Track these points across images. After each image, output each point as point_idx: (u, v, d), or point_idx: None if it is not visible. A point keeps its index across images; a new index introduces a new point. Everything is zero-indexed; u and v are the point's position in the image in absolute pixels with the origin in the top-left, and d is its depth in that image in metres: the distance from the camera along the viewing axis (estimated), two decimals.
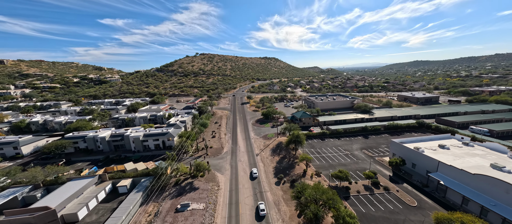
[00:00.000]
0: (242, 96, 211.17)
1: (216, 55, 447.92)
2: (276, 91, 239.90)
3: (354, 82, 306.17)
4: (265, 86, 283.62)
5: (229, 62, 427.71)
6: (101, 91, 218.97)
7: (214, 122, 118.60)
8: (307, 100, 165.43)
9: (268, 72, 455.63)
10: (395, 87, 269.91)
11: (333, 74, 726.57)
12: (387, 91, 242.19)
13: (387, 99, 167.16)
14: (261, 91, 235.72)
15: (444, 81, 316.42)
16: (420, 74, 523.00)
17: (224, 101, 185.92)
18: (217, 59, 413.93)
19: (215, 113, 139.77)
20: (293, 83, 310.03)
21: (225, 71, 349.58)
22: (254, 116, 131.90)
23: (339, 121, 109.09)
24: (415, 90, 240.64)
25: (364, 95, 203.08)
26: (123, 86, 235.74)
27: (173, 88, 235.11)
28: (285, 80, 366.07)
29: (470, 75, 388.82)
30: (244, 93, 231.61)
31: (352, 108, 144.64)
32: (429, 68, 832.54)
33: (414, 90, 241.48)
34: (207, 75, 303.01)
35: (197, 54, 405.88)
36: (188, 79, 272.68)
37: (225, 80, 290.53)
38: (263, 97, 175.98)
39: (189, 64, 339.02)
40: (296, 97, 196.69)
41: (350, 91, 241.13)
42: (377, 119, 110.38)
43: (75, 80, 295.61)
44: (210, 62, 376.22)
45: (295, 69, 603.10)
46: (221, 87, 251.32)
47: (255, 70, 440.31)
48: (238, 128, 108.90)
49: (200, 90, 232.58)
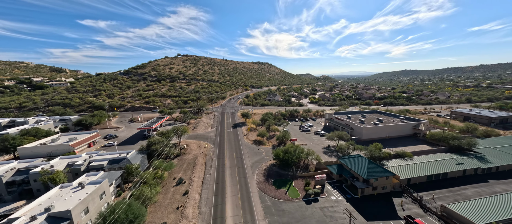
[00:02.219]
0: (233, 111, 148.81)
1: (202, 57, 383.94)
2: (278, 103, 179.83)
3: (372, 92, 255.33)
4: (263, 95, 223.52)
5: (218, 66, 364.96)
6: (23, 101, 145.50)
7: (175, 180, 55.49)
8: (334, 121, 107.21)
9: (262, 78, 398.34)
10: (419, 98, 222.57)
11: (329, 81, 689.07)
12: (415, 104, 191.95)
13: (444, 120, 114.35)
14: (258, 103, 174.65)
15: (462, 92, 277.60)
16: (418, 84, 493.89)
17: (207, 120, 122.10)
18: (203, 62, 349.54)
19: (185, 149, 76.12)
20: (296, 92, 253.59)
21: (212, 76, 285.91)
22: (258, 158, 71.19)
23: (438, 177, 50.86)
24: (441, 101, 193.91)
25: (394, 110, 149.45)
26: (61, 94, 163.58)
27: (136, 98, 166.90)
28: (284, 88, 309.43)
29: (479, 86, 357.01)
30: (236, 106, 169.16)
31: (415, 138, 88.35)
32: (420, 77, 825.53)
33: (447, 102, 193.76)
34: (189, 81, 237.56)
35: (179, 55, 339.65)
36: (162, 86, 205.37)
37: (211, 88, 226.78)
38: (266, 114, 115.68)
39: (167, 67, 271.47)
40: (312, 114, 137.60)
41: (371, 103, 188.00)
42: None
43: (6, 83, 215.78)
44: (193, 65, 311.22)
45: (290, 76, 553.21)
46: (205, 97, 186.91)
47: (247, 75, 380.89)
48: (228, 203, 46.82)
49: (175, 101, 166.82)
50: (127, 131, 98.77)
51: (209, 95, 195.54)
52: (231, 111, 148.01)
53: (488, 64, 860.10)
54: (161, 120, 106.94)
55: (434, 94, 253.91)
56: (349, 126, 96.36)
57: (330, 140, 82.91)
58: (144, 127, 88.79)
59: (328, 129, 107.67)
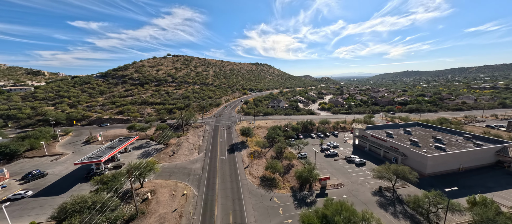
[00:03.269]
0: (230, 123, 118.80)
1: (195, 58, 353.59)
2: (284, 111, 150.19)
3: (385, 95, 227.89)
4: (264, 101, 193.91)
5: (212, 67, 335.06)
6: None
7: None
8: (369, 140, 78.28)
9: (262, 80, 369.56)
10: (443, 102, 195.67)
11: (331, 83, 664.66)
12: (444, 110, 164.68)
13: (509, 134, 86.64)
14: (260, 111, 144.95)
15: (488, 95, 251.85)
16: (426, 85, 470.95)
17: (194, 138, 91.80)
18: (196, 63, 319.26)
19: (148, 201, 45.72)
20: (301, 96, 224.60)
21: (205, 78, 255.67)
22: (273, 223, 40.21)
23: None
24: (472, 106, 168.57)
25: (431, 119, 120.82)
26: (11, 102, 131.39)
27: (109, 106, 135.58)
28: (287, 92, 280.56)
29: (497, 87, 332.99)
30: (234, 116, 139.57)
31: (500, 169, 59.73)
32: (424, 78, 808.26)
33: (479, 107, 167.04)
34: (178, 84, 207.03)
35: (169, 55, 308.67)
36: (144, 91, 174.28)
37: (204, 92, 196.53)
38: (273, 129, 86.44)
39: (153, 68, 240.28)
40: (331, 126, 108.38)
41: (394, 110, 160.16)
42: None
43: None
44: (185, 67, 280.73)
45: (291, 78, 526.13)
46: (196, 104, 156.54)
47: (245, 78, 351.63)
48: None
49: (158, 111, 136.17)
50: (72, 160, 67.52)
51: (201, 102, 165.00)
52: (226, 123, 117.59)
53: (492, 65, 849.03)
54: (127, 141, 76.04)
55: (457, 97, 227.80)
56: (398, 150, 67.04)
57: (380, 176, 53.15)
58: (88, 161, 57.52)
59: (361, 152, 78.34)
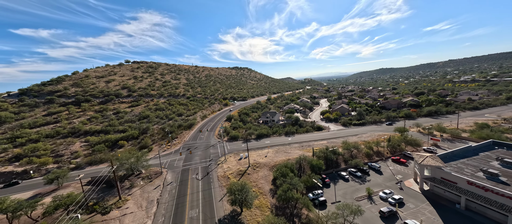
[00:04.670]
0: (209, 161, 77.64)
1: (163, 64, 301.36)
2: (284, 129, 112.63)
3: (377, 95, 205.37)
4: (252, 113, 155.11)
5: (185, 74, 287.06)
6: None
7: None
8: (465, 191, 42.44)
9: (244, 86, 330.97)
10: (446, 99, 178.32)
11: (314, 84, 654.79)
12: (462, 110, 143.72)
13: None
14: (252, 133, 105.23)
15: (467, 88, 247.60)
16: (408, 82, 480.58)
17: (139, 208, 48.60)
18: (163, 70, 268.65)
19: None
20: (296, 103, 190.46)
21: (175, 88, 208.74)
22: None
23: None
24: (482, 104, 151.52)
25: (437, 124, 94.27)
26: None
27: (4, 143, 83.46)
28: (275, 98, 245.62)
29: (475, 79, 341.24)
30: (213, 144, 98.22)
31: None
32: (400, 75, 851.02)
33: (488, 104, 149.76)
34: (136, 99, 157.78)
35: (128, 62, 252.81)
36: (81, 112, 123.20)
37: (172, 108, 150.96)
38: (282, 174, 48.69)
39: (102, 79, 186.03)
40: (363, 154, 73.61)
41: (412, 114, 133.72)
42: None
43: None
44: (148, 75, 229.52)
45: (275, 81, 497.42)
46: (158, 128, 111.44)
47: (225, 84, 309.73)
48: None
49: (92, 145, 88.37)
50: None
51: (166, 124, 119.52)
52: (203, 163, 75.29)
53: (455, 59, 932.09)
54: None
55: (458, 94, 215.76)
56: None
57: None
58: None
59: (445, 209, 43.39)
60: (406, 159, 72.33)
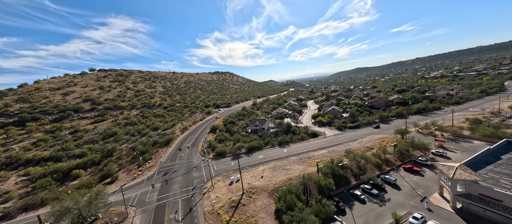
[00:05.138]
0: (191, 190, 62.55)
1: (135, 71, 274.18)
2: (277, 138, 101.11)
3: (362, 94, 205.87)
4: (239, 121, 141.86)
5: (161, 82, 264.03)
6: None
7: None
8: (494, 207, 33.83)
9: (227, 91, 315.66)
10: (420, 94, 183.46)
11: (297, 86, 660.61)
12: (445, 105, 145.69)
13: None
14: (243, 146, 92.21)
15: (439, 83, 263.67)
16: (384, 80, 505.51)
17: None
18: (136, 78, 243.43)
19: None
20: (283, 107, 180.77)
21: (150, 98, 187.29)
22: None
23: None
24: (464, 98, 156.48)
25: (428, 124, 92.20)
26: None
27: None
28: (261, 102, 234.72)
29: (444, 75, 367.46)
30: (195, 165, 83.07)
31: None
32: (375, 73, 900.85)
33: (467, 98, 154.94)
34: (101, 113, 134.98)
35: (93, 70, 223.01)
36: (26, 135, 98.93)
37: (146, 122, 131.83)
38: (288, 205, 37.46)
39: (59, 92, 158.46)
40: (373, 166, 64.34)
41: (402, 112, 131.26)
42: None
43: None
44: (119, 84, 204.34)
45: (258, 85, 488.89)
46: (127, 149, 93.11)
47: (206, 90, 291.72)
48: None
49: (33, 181, 67.53)
50: None
51: (138, 141, 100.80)
52: (183, 195, 59.87)
53: (421, 57, 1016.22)
54: None
55: (435, 89, 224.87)
56: None
57: None
58: None
59: None
60: (419, 166, 64.83)
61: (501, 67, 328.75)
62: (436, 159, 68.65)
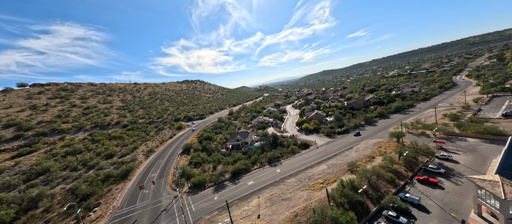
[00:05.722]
0: None
1: (86, 84, 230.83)
2: (265, 154, 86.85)
3: (357, 96, 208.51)
4: (217, 136, 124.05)
5: (120, 95, 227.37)
6: None
7: None
8: None
9: (199, 101, 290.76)
10: (388, 92, 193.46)
11: (270, 91, 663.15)
12: (417, 101, 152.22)
13: None
14: (226, 170, 75.49)
15: (399, 81, 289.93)
16: (350, 80, 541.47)
17: None
18: (86, 92, 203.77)
19: None
20: (265, 115, 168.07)
21: (105, 116, 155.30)
22: None
23: None
24: (430, 94, 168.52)
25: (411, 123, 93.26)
26: None
27: None
28: (238, 111, 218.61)
29: (401, 74, 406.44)
30: (167, 208, 62.91)
31: None
32: (341, 75, 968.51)
33: (431, 94, 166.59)
34: (29, 142, 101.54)
35: (23, 86, 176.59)
36: None
37: (97, 148, 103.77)
38: None
39: None
40: (385, 179, 54.14)
41: (384, 113, 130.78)
42: None
43: None
44: (60, 101, 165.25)
45: (232, 92, 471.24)
46: (62, 193, 66.82)
47: (176, 102, 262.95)
48: None
49: None
50: None
51: (81, 178, 74.68)
52: None
53: (377, 59, 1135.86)
54: None
55: (399, 87, 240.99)
56: None
57: None
58: None
59: None
60: (432, 175, 57.46)
61: (443, 65, 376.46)
62: (443, 163, 62.80)
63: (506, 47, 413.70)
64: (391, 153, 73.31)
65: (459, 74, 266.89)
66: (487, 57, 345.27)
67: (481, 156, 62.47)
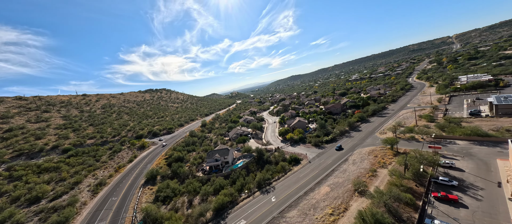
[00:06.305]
0: None
1: (8, 99, 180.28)
2: (253, 178, 72.46)
3: (331, 100, 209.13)
4: (189, 156, 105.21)
5: (61, 110, 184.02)
6: None
7: None
8: None
9: (165, 112, 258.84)
10: (356, 94, 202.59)
11: (242, 97, 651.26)
12: (388, 103, 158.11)
13: None
14: (208, 207, 58.00)
15: (363, 84, 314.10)
16: (317, 84, 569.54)
17: None
18: (8, 110, 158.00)
19: None
20: (243, 125, 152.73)
21: (36, 139, 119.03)
22: None
23: None
24: (395, 96, 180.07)
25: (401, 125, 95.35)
26: None
27: None
28: (211, 122, 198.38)
29: (362, 78, 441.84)
30: None
31: None
32: (308, 80, 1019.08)
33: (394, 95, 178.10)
34: None
35: None
36: None
37: (18, 189, 73.38)
38: None
39: None
40: (403, 204, 45.15)
41: (364, 117, 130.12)
42: None
43: None
44: None
45: (202, 100, 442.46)
46: None
47: (137, 114, 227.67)
48: None
49: None
50: None
51: None
52: None
53: (340, 64, 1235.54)
54: None
55: (366, 89, 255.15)
56: None
57: None
58: None
59: None
60: (447, 190, 51.15)
61: (395, 69, 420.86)
62: (448, 172, 58.10)
63: (438, 53, 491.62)
64: (390, 163, 67.06)
65: (410, 77, 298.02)
66: (428, 61, 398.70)
67: (480, 160, 59.90)
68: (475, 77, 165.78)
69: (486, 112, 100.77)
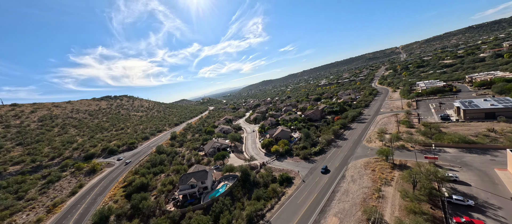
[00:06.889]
0: None
1: None
2: (244, 212, 57.25)
3: (309, 106, 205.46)
4: (156, 181, 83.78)
5: None
6: None
7: None
8: None
9: (126, 123, 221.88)
10: (329, 99, 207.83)
11: (216, 103, 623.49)
12: (363, 108, 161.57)
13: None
14: None
15: (333, 89, 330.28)
16: (290, 89, 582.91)
17: None
18: None
19: None
20: (219, 137, 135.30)
21: None
22: None
23: None
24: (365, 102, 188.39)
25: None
26: None
27: None
28: (182, 134, 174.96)
29: (331, 83, 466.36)
30: None
31: None
32: (279, 85, 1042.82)
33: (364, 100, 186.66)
34: None
35: None
36: None
37: None
38: None
39: None
40: None
41: (346, 123, 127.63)
42: None
43: None
44: None
45: (171, 107, 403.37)
46: None
47: (88, 127, 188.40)
48: None
49: None
50: None
51: None
52: None
53: (307, 69, 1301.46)
54: None
55: (338, 95, 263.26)
56: None
57: None
58: None
59: None
60: (464, 211, 45.39)
61: (358, 75, 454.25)
62: (456, 188, 53.59)
63: (390, 61, 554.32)
64: (392, 179, 60.71)
65: (373, 82, 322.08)
66: (385, 68, 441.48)
67: (479, 171, 57.39)
68: (430, 84, 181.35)
69: (454, 116, 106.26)
